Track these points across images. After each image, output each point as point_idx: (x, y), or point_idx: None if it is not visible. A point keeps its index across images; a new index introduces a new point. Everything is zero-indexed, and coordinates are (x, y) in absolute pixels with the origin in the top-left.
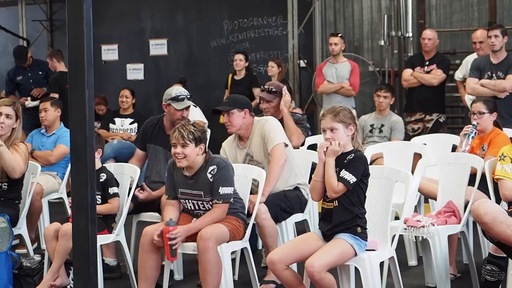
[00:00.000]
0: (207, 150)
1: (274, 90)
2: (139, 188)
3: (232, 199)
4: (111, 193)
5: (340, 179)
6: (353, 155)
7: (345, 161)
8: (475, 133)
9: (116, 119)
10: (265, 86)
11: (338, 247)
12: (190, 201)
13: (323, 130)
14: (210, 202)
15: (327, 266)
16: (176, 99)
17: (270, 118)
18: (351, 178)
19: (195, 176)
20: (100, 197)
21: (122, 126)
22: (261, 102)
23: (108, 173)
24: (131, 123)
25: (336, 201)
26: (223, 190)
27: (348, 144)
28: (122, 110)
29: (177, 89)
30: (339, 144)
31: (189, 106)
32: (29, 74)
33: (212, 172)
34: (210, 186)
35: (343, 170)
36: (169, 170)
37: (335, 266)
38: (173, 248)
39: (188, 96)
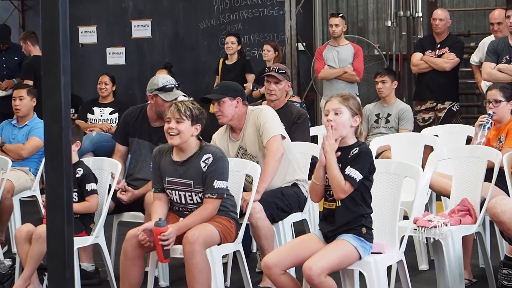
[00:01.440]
0: (201, 138)
1: (283, 71)
2: (120, 190)
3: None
4: (88, 189)
5: (347, 177)
6: (357, 148)
7: (349, 156)
8: (491, 123)
9: (95, 109)
10: (273, 67)
11: (340, 249)
12: (177, 192)
13: (326, 113)
14: (200, 194)
15: (327, 269)
16: (164, 89)
17: (265, 107)
18: (358, 176)
19: (186, 162)
20: (76, 194)
21: (101, 116)
22: (259, 85)
23: (85, 168)
24: (111, 113)
25: (339, 200)
26: (218, 184)
27: (351, 137)
28: (101, 98)
29: (163, 78)
30: (335, 139)
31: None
32: (3, 58)
33: (206, 161)
34: (203, 177)
35: (348, 167)
36: (154, 159)
37: (336, 269)
38: (165, 249)
39: (177, 85)
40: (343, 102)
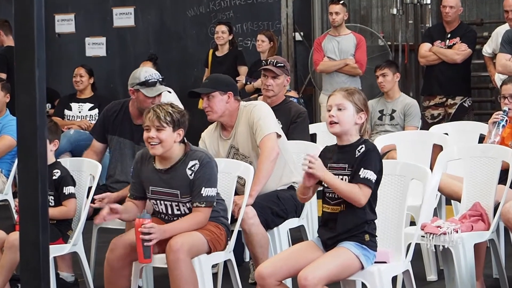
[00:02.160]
0: (186, 141)
1: (281, 64)
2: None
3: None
4: (66, 193)
5: (363, 180)
6: (363, 146)
7: (357, 154)
8: (506, 121)
9: (73, 104)
10: (270, 60)
11: (340, 257)
12: (162, 202)
13: (329, 108)
14: (188, 204)
15: (325, 279)
16: (146, 83)
17: (259, 103)
18: (373, 176)
19: (170, 170)
20: (53, 198)
21: (79, 112)
22: (252, 79)
23: (63, 169)
24: (90, 109)
25: (344, 204)
26: (206, 191)
27: (355, 135)
28: (79, 93)
29: (146, 71)
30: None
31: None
32: None
33: (192, 168)
34: (190, 185)
35: (362, 169)
36: (136, 164)
37: (335, 280)
38: (145, 245)
39: (161, 79)
40: (347, 97)
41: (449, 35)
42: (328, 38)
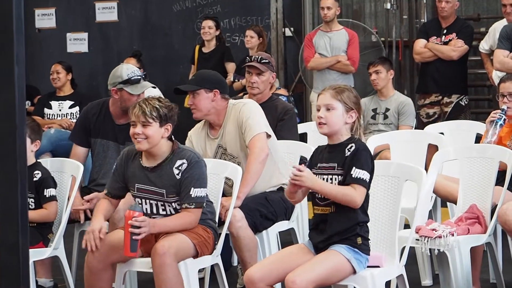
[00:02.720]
0: (173, 139)
1: (266, 60)
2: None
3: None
4: (46, 196)
5: (356, 180)
6: (353, 145)
7: (346, 154)
8: (504, 120)
9: (52, 103)
10: (254, 56)
11: (330, 261)
12: (148, 200)
13: (317, 108)
14: (174, 204)
15: (313, 283)
16: (130, 81)
17: (248, 101)
18: (366, 176)
19: (157, 168)
20: (33, 200)
21: (60, 110)
22: (240, 76)
23: (44, 170)
24: (71, 107)
25: (334, 205)
26: (195, 192)
27: (345, 134)
28: (59, 91)
29: (127, 69)
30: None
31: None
32: None
33: (180, 168)
34: (176, 184)
35: (354, 168)
36: (121, 161)
37: (325, 284)
38: (133, 238)
39: (144, 76)
40: (336, 96)
41: (445, 31)
42: (320, 34)
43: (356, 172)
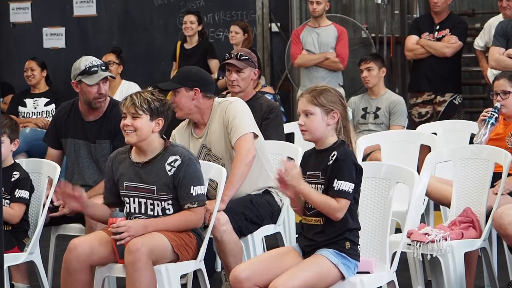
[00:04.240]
0: (164, 137)
1: (245, 57)
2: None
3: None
4: (16, 195)
5: (339, 193)
6: (335, 153)
7: (329, 162)
8: (497, 118)
9: (27, 100)
10: (233, 53)
11: (316, 266)
12: (136, 199)
13: (298, 114)
14: (163, 203)
15: None
16: (88, 72)
17: (235, 99)
18: (349, 187)
19: (148, 164)
20: (8, 202)
21: (35, 108)
22: (225, 73)
23: (23, 172)
24: (46, 104)
25: (323, 217)
26: (196, 190)
27: (332, 137)
28: (33, 88)
29: (86, 60)
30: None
31: (106, 78)
32: None
33: (172, 164)
34: (168, 181)
35: (336, 180)
36: (111, 163)
37: None
38: (118, 244)
39: (103, 67)
40: (312, 100)
41: (438, 27)
42: (307, 29)
43: (338, 184)
